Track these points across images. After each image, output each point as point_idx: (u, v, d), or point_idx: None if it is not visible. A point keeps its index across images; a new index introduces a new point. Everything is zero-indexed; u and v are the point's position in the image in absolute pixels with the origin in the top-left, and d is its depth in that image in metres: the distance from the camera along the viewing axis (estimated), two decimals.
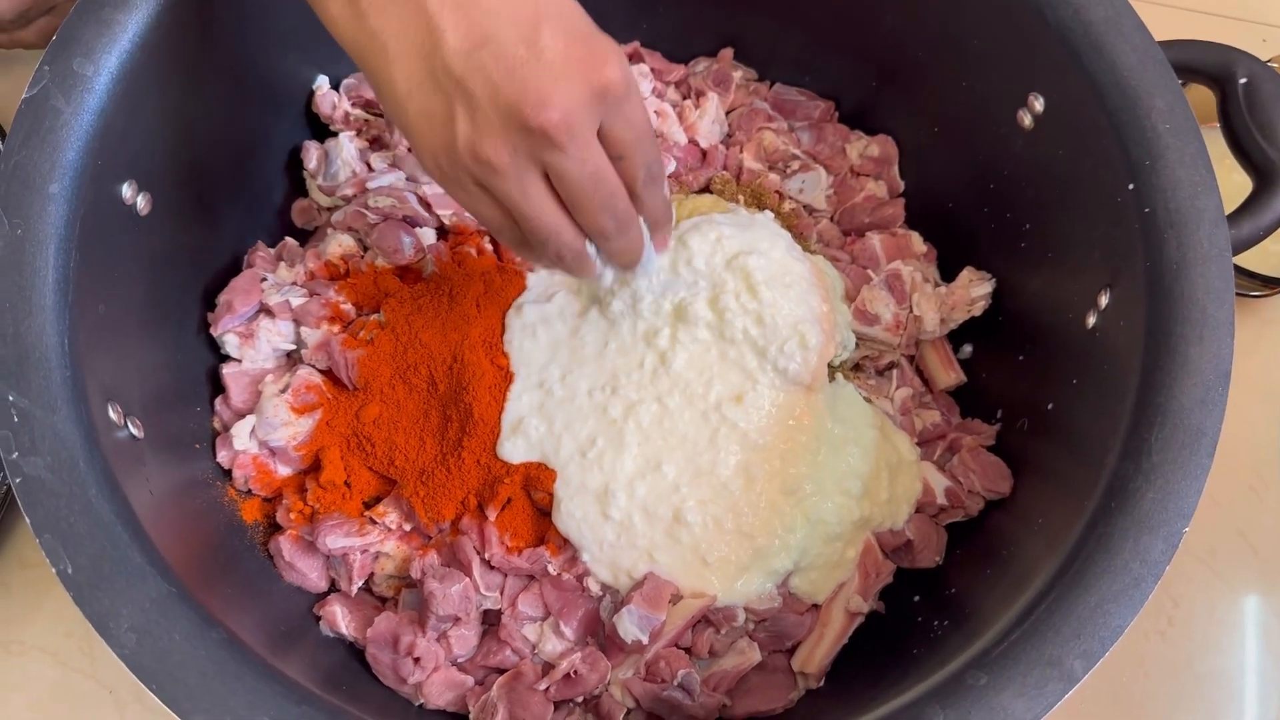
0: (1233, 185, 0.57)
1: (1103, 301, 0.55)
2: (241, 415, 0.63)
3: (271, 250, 0.69)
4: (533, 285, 0.65)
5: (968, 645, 0.47)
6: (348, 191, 0.69)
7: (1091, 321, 0.56)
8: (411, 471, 0.61)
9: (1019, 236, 0.65)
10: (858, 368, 0.70)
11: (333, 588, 0.62)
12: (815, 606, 0.61)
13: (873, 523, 0.62)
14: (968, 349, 0.71)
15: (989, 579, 0.56)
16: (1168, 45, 0.57)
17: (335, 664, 0.58)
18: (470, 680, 0.58)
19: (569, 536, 0.59)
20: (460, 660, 0.59)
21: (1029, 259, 0.65)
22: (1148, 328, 0.51)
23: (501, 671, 0.58)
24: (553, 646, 0.59)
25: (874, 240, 0.71)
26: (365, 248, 0.69)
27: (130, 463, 0.51)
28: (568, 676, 0.57)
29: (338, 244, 0.68)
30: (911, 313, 0.68)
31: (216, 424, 0.64)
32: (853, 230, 0.73)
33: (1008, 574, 0.54)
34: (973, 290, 0.68)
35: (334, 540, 0.59)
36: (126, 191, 0.54)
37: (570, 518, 0.59)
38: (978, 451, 0.64)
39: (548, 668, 0.58)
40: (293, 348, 0.66)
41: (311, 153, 0.71)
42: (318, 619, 0.60)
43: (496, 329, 0.64)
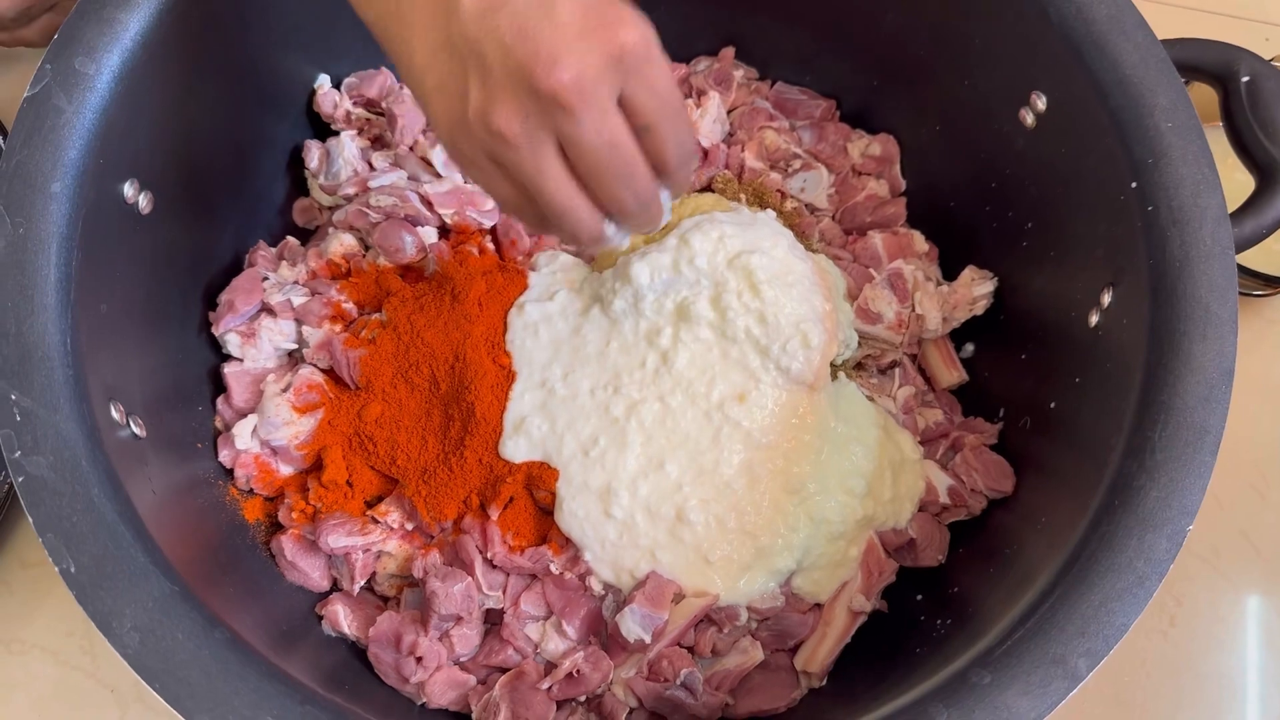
0: (1235, 184, 0.57)
1: (1105, 300, 0.55)
2: (243, 414, 0.63)
3: (273, 249, 0.69)
4: (534, 284, 0.65)
5: (971, 644, 0.47)
6: (349, 190, 0.69)
7: (1094, 320, 0.56)
8: (413, 470, 0.61)
9: (1021, 235, 0.65)
10: (860, 366, 0.69)
11: (335, 587, 0.62)
12: (818, 605, 0.61)
13: (875, 521, 0.62)
14: (970, 348, 0.70)
15: (992, 578, 0.56)
16: (1170, 44, 0.57)
17: (337, 663, 0.58)
18: (472, 679, 0.58)
19: (571, 536, 0.59)
20: (462, 659, 0.59)
21: (1031, 257, 0.64)
22: (1151, 326, 0.51)
23: (504, 671, 0.58)
24: (555, 646, 0.59)
25: (876, 239, 0.71)
26: (367, 247, 0.69)
27: (132, 462, 0.50)
28: (570, 676, 0.57)
29: (339, 243, 0.68)
30: (914, 311, 0.68)
31: (218, 423, 0.64)
32: (854, 229, 0.73)
33: (1011, 572, 0.54)
34: (975, 289, 0.68)
35: (336, 539, 0.59)
36: (128, 190, 0.54)
37: (572, 517, 0.59)
38: (980, 450, 0.64)
39: (550, 667, 0.58)
40: (294, 347, 0.66)
41: (313, 152, 0.71)
42: (320, 618, 0.60)
43: (498, 328, 0.64)
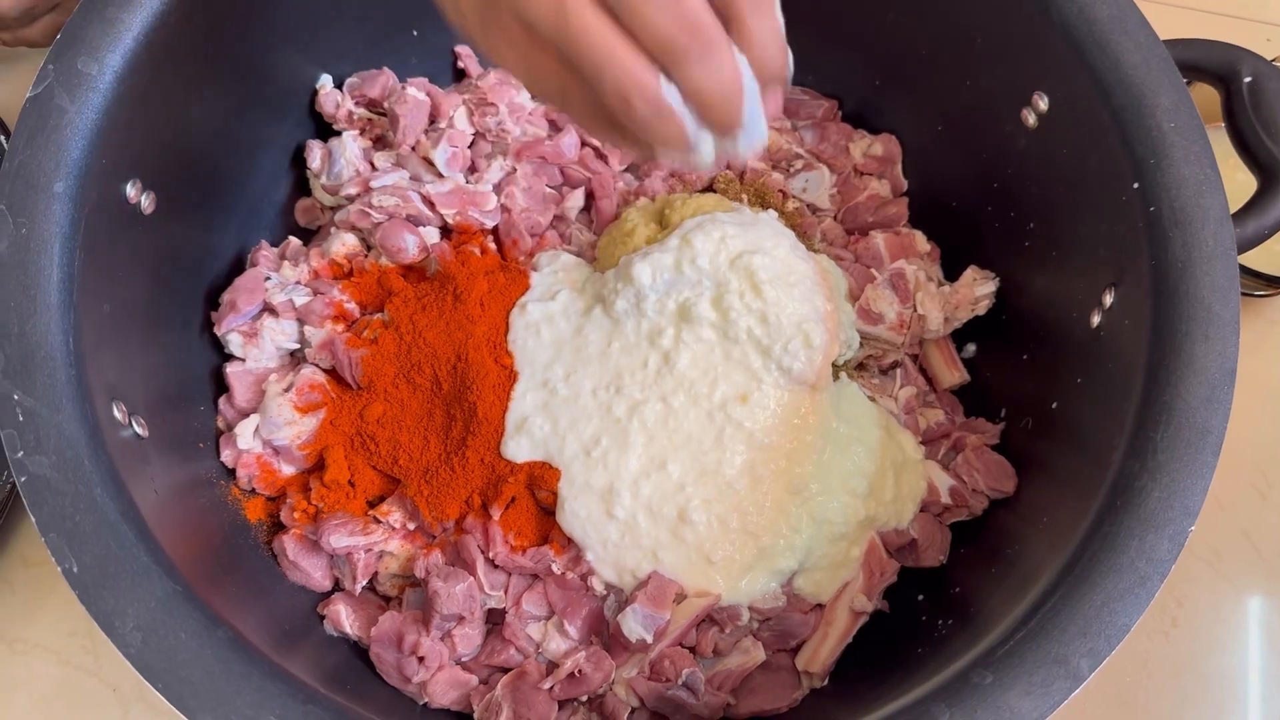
0: (1237, 185, 0.57)
1: (1107, 300, 0.55)
2: (245, 414, 0.63)
3: (275, 249, 0.69)
4: (536, 284, 0.65)
5: (973, 644, 0.47)
6: (351, 190, 0.69)
7: (1096, 320, 0.56)
8: (415, 470, 0.61)
9: (1023, 235, 0.65)
10: (861, 367, 0.69)
11: (337, 587, 0.62)
12: (819, 606, 0.61)
13: (877, 522, 0.62)
14: (971, 348, 0.70)
15: (994, 578, 0.56)
16: (1172, 44, 0.57)
17: (339, 663, 0.58)
18: (474, 679, 0.58)
19: (573, 536, 0.59)
20: (464, 659, 0.59)
21: (1033, 258, 0.64)
22: (1153, 326, 0.51)
23: (506, 670, 0.58)
24: (557, 645, 0.59)
25: (878, 239, 0.71)
26: (369, 247, 0.69)
27: (135, 462, 0.51)
28: (572, 675, 0.57)
29: (341, 243, 0.68)
30: (915, 312, 0.68)
31: (220, 423, 0.64)
32: (856, 229, 0.73)
33: (1013, 573, 0.54)
34: (976, 289, 0.68)
35: (338, 539, 0.59)
36: (131, 190, 0.54)
37: (574, 517, 0.59)
38: (982, 450, 0.64)
39: (552, 667, 0.58)
40: (296, 347, 0.66)
41: (315, 152, 0.71)
42: (322, 618, 0.60)
43: (500, 328, 0.64)
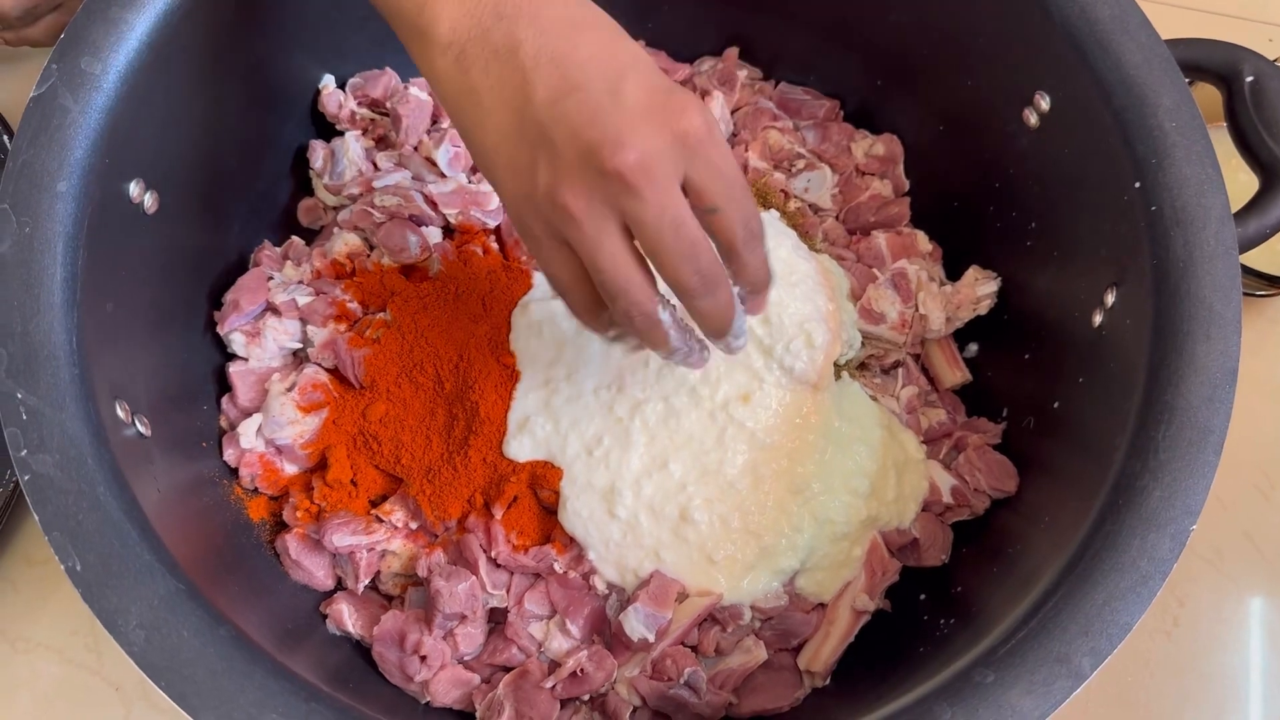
0: (1239, 184, 0.57)
1: (1109, 300, 0.55)
2: (248, 414, 0.63)
3: (278, 249, 0.69)
4: (539, 283, 0.65)
5: (975, 643, 0.47)
6: (354, 190, 0.69)
7: (1098, 320, 0.56)
8: (418, 470, 0.61)
9: (1025, 235, 0.65)
10: (863, 366, 0.69)
11: (339, 586, 0.62)
12: (821, 605, 0.61)
13: (879, 521, 0.62)
14: (973, 348, 0.70)
15: (995, 577, 0.56)
16: (1174, 43, 0.57)
17: (342, 662, 0.58)
18: (476, 678, 0.58)
19: (575, 535, 0.59)
20: (466, 658, 0.59)
21: (1035, 257, 0.64)
22: (1154, 326, 0.50)
23: (508, 669, 0.58)
24: (559, 644, 0.59)
25: (879, 239, 0.71)
26: (371, 246, 0.69)
27: (138, 460, 0.51)
28: (574, 674, 0.57)
29: (344, 243, 0.68)
30: (917, 311, 0.68)
31: (223, 422, 0.64)
32: (858, 229, 0.73)
33: (1014, 572, 0.54)
34: (978, 289, 0.68)
35: (340, 538, 0.59)
36: (134, 190, 0.54)
37: (576, 516, 0.59)
38: (984, 450, 0.64)
39: (554, 666, 0.58)
40: (299, 346, 0.66)
41: (318, 152, 0.71)
42: (324, 617, 0.60)
43: (502, 327, 0.64)
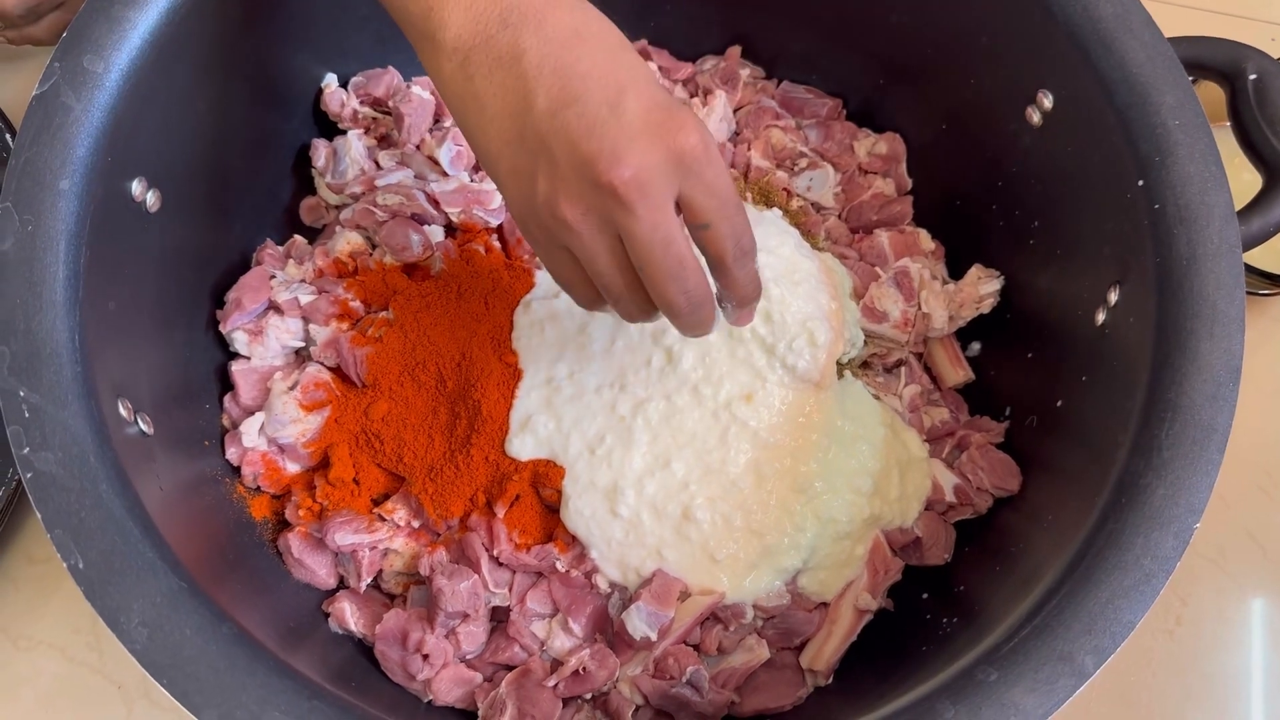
0: (1242, 183, 0.57)
1: (1112, 298, 0.55)
2: (250, 412, 0.63)
3: (280, 248, 0.69)
4: (541, 282, 0.65)
5: (977, 641, 0.47)
6: (356, 189, 0.69)
7: (1101, 318, 0.56)
8: (420, 468, 0.61)
9: (1028, 233, 0.65)
10: (866, 365, 0.69)
11: (341, 584, 0.62)
12: (824, 604, 0.61)
13: (882, 520, 0.62)
14: (976, 346, 0.70)
15: (998, 576, 0.56)
16: (1177, 42, 0.57)
17: (344, 660, 0.58)
18: (479, 677, 0.58)
19: (577, 534, 0.59)
20: (469, 657, 0.59)
21: (1038, 256, 0.64)
22: (1158, 324, 0.50)
23: (510, 668, 0.58)
24: (561, 643, 0.59)
25: (882, 238, 0.71)
26: (374, 245, 0.69)
27: (140, 459, 0.51)
28: (576, 673, 0.57)
29: (346, 241, 0.68)
30: (920, 310, 0.68)
31: (225, 421, 0.64)
32: (861, 228, 0.73)
33: (1017, 570, 0.54)
34: (981, 287, 0.68)
35: (343, 537, 0.59)
36: (136, 188, 0.54)
37: (579, 515, 0.59)
38: (986, 449, 0.63)
39: (556, 664, 0.58)
40: (301, 345, 0.66)
41: (320, 150, 0.71)
42: (326, 615, 0.60)
43: (505, 326, 0.64)
